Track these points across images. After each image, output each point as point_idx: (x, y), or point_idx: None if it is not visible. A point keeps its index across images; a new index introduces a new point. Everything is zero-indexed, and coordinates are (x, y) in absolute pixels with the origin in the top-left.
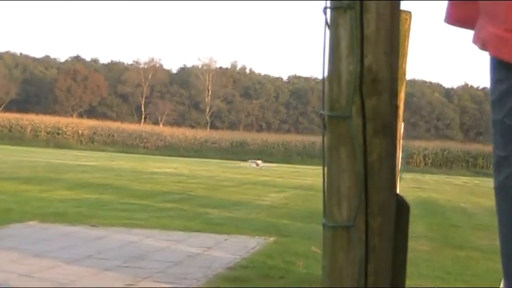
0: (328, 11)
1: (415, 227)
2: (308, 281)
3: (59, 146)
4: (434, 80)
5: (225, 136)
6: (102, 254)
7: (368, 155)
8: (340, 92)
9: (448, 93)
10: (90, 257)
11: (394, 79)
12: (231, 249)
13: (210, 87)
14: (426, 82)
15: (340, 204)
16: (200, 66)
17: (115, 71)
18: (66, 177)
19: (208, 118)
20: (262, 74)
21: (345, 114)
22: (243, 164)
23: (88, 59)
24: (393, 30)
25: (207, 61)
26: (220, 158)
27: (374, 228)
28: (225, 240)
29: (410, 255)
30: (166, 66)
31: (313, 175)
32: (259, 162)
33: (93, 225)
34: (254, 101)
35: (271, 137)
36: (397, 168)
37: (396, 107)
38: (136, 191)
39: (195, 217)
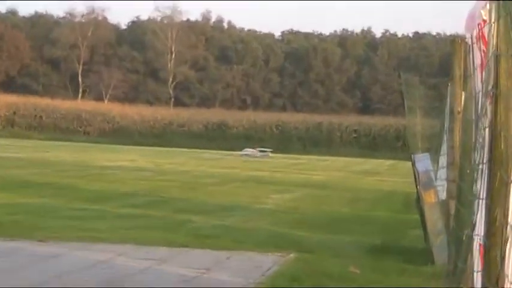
0: None
1: None
2: None
3: None
4: None
5: (196, 116)
6: (64, 280)
7: None
8: None
9: None
10: (48, 283)
11: None
12: (239, 271)
13: (173, 49)
14: None
15: None
16: (159, 19)
17: (41, 26)
18: None
19: (171, 91)
20: (246, 29)
21: None
22: (227, 153)
23: (3, 10)
24: None
25: (168, 12)
26: (191, 147)
27: None
28: (227, 258)
29: None
30: (112, 20)
31: (323, 168)
32: (252, 150)
33: (40, 240)
34: (235, 67)
35: (260, 117)
36: None
37: None
38: (88, 192)
39: (176, 227)
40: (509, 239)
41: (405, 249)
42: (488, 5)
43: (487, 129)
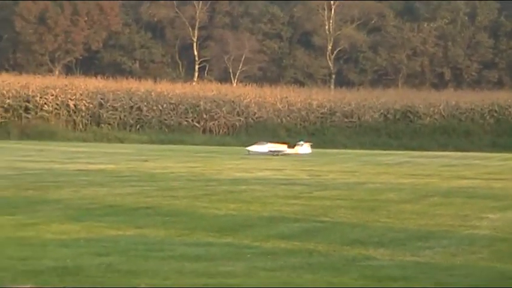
0: None
1: None
2: None
3: (29, 132)
4: None
5: (369, 100)
6: None
7: None
8: None
9: None
10: None
11: None
12: None
13: (333, 1)
14: None
15: None
16: None
17: None
18: (60, 197)
19: (331, 65)
20: None
21: None
22: (419, 154)
23: None
24: None
25: None
26: (364, 146)
27: None
28: None
29: None
30: None
31: None
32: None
33: None
34: (426, 26)
35: (465, 99)
36: None
37: None
38: (213, 219)
39: (346, 266)
40: None
41: None
42: None
43: None
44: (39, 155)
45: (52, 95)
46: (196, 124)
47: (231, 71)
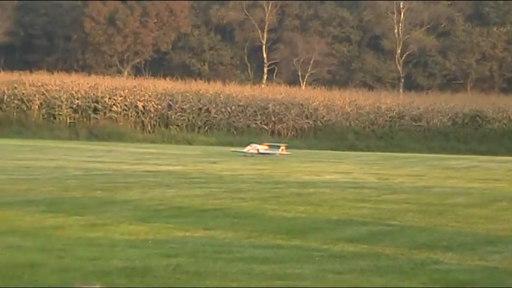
0: None
1: None
2: None
3: (97, 133)
4: None
5: (437, 105)
6: None
7: None
8: None
9: None
10: None
11: None
12: None
13: (401, 4)
14: None
15: None
16: None
17: None
18: (128, 198)
19: (400, 69)
20: None
21: None
22: (485, 159)
23: None
24: None
25: None
26: (432, 150)
27: None
28: None
29: None
30: None
31: None
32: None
33: None
34: (495, 30)
35: None
36: None
37: None
38: (281, 221)
39: (415, 270)
40: None
41: None
42: None
43: None
44: (107, 155)
45: (121, 96)
46: (265, 126)
47: (299, 73)
